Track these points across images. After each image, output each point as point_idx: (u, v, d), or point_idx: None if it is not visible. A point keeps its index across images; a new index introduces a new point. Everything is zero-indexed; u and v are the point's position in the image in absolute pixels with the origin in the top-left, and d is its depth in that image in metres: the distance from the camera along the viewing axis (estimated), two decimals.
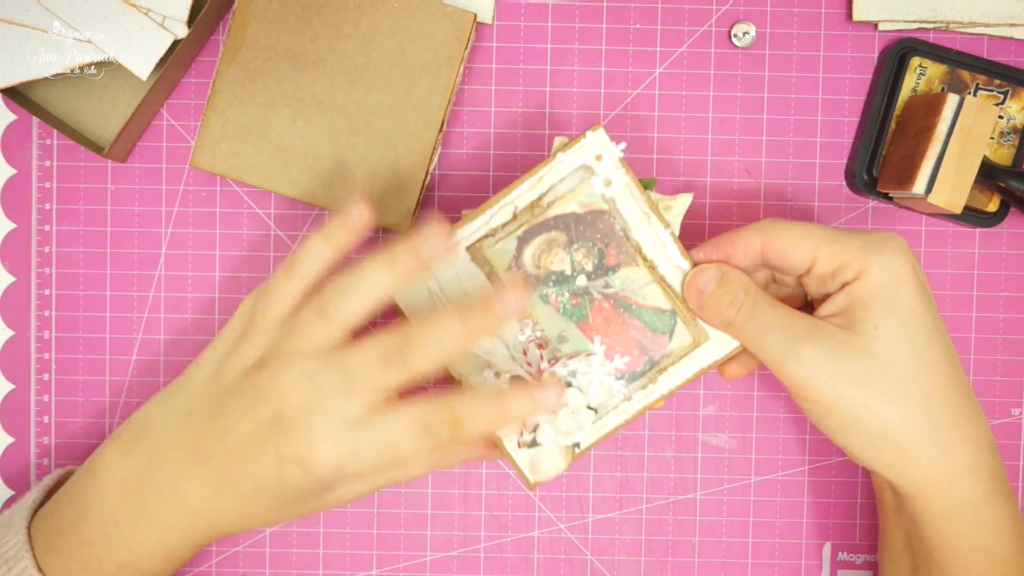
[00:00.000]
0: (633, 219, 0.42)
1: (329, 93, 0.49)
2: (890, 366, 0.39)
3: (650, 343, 0.43)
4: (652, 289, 0.43)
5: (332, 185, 0.49)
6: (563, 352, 0.43)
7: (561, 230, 0.42)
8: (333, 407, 0.39)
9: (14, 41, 0.47)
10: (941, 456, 0.40)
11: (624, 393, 0.44)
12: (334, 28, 0.49)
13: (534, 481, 0.44)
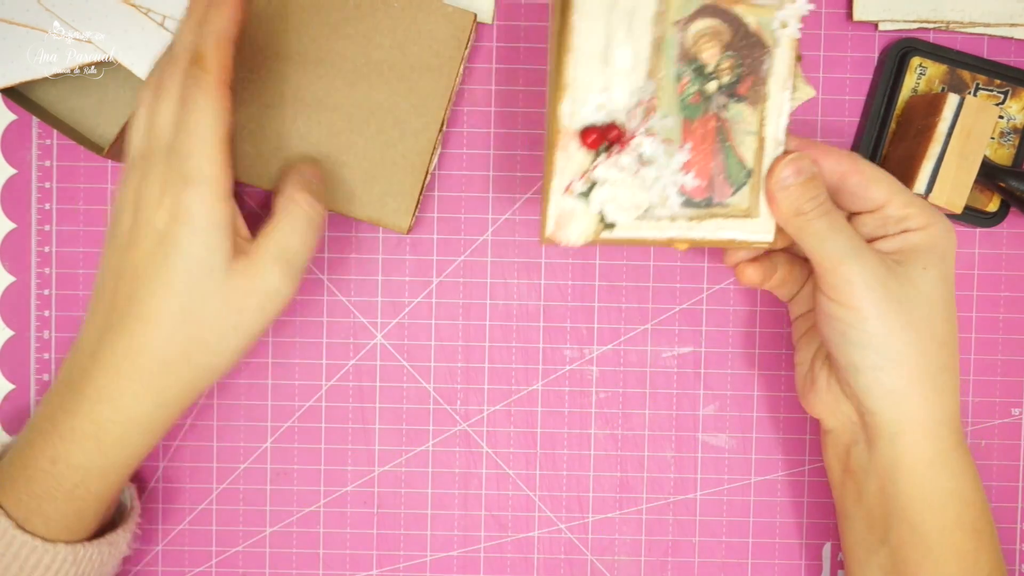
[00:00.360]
0: (777, 72, 0.41)
1: (329, 93, 0.49)
2: (927, 304, 0.42)
3: (719, 184, 0.42)
4: (750, 140, 0.42)
5: (331, 185, 0.49)
6: (657, 131, 0.41)
7: (731, 28, 0.41)
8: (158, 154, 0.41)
9: (14, 41, 0.47)
10: (934, 400, 0.42)
11: (673, 212, 0.42)
12: (334, 28, 0.49)
13: (549, 235, 0.42)
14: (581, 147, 0.41)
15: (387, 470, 0.53)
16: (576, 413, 0.53)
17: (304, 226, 0.43)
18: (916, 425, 0.42)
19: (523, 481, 0.53)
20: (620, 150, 0.41)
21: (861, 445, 0.45)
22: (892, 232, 0.43)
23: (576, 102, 0.40)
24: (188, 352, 0.42)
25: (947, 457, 0.43)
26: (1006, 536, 0.53)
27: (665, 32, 0.41)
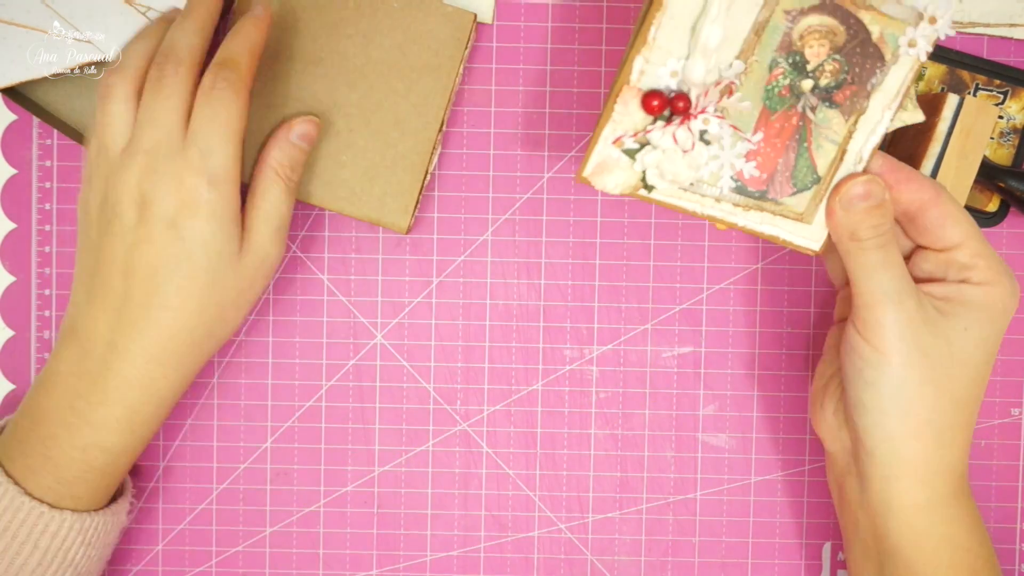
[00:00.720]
0: (887, 89, 0.40)
1: (329, 93, 0.49)
2: (956, 364, 0.41)
3: (780, 182, 0.41)
4: (830, 149, 0.40)
5: (330, 184, 0.49)
6: (730, 113, 0.40)
7: (848, 32, 0.39)
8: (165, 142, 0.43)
9: (14, 41, 0.47)
10: (933, 452, 0.41)
11: (721, 194, 0.41)
12: (334, 28, 0.49)
13: (585, 175, 0.40)
14: (641, 108, 0.39)
15: (387, 470, 0.53)
16: (576, 413, 0.53)
17: (286, 195, 0.46)
18: (911, 472, 0.42)
19: (523, 481, 0.53)
20: (682, 122, 0.39)
21: (855, 478, 0.44)
22: (952, 279, 0.42)
23: (651, 62, 0.39)
24: (212, 329, 0.45)
25: (942, 505, 0.42)
26: (1006, 536, 0.53)
27: (772, 17, 0.38)
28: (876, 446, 0.42)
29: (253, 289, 0.46)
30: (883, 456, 0.42)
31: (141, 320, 0.43)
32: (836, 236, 0.41)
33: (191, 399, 0.52)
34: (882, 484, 0.42)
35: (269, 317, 0.52)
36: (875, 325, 0.40)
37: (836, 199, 0.41)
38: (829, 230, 0.42)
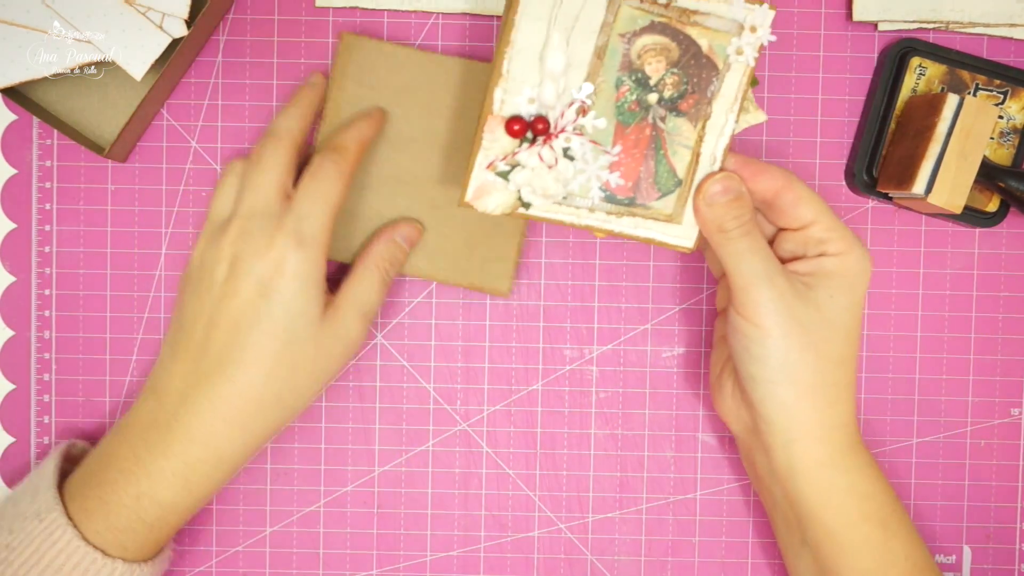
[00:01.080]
0: (725, 94, 0.43)
1: (425, 168, 0.50)
2: (829, 327, 0.44)
3: (645, 188, 0.44)
4: (684, 154, 0.44)
5: (432, 256, 0.50)
6: (588, 131, 0.43)
7: (680, 48, 0.43)
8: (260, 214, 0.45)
9: (14, 41, 0.47)
10: (824, 410, 0.45)
11: (593, 204, 0.44)
12: (427, 107, 0.50)
13: (467, 200, 0.44)
14: (506, 133, 0.43)
15: (387, 470, 0.53)
16: (576, 413, 0.53)
17: (381, 286, 0.48)
18: (807, 432, 0.45)
19: (523, 481, 0.53)
20: (544, 142, 0.43)
21: (761, 452, 0.47)
22: (811, 254, 0.45)
23: (508, 92, 0.42)
24: (281, 395, 0.45)
25: (841, 458, 0.45)
26: (1006, 536, 0.53)
27: (609, 41, 0.42)
28: (772, 414, 0.45)
29: (329, 362, 0.46)
30: (780, 423, 0.45)
31: (215, 373, 0.44)
32: (706, 231, 0.45)
33: None
34: (784, 450, 0.45)
35: None
36: (753, 304, 0.44)
37: (699, 197, 0.45)
38: (699, 226, 0.45)
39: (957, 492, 0.53)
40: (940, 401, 0.53)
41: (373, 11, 0.52)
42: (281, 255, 0.44)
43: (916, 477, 0.53)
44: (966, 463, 0.53)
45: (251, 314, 0.44)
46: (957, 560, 0.53)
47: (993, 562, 0.53)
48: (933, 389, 0.53)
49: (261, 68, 0.52)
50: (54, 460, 0.47)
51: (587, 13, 0.42)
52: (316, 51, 0.52)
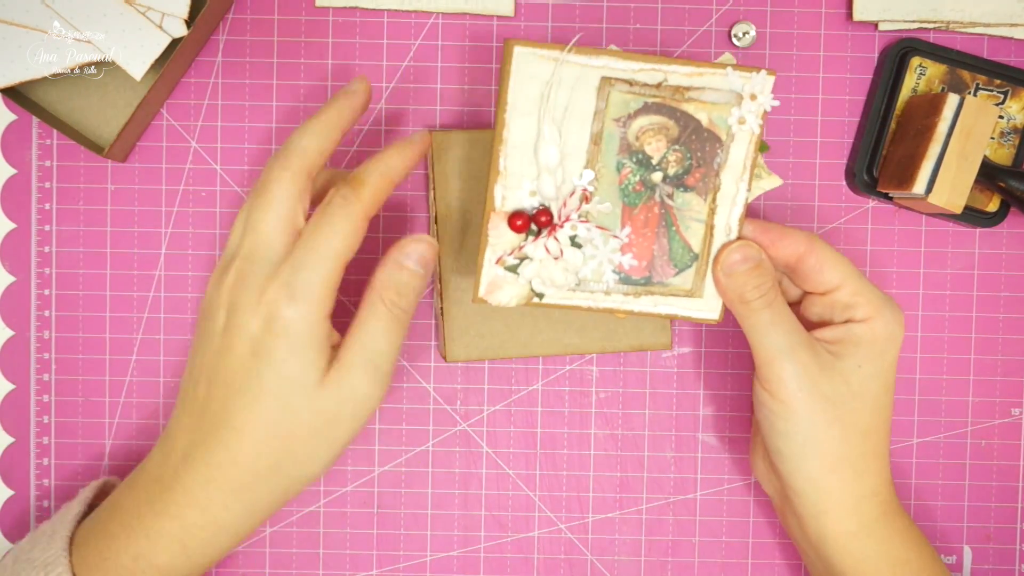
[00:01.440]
0: (733, 164, 0.43)
1: None
2: (856, 399, 0.43)
3: (660, 266, 0.44)
4: (698, 228, 0.44)
5: (586, 328, 0.50)
6: (593, 216, 0.43)
7: (679, 125, 0.42)
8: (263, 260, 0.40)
9: (14, 41, 0.47)
10: (853, 482, 0.44)
11: (608, 287, 0.44)
12: None
13: (481, 296, 0.43)
14: (510, 229, 0.42)
15: (387, 470, 0.53)
16: (576, 413, 0.53)
17: (391, 325, 0.41)
18: (836, 504, 0.44)
19: (523, 481, 0.53)
20: (549, 233, 0.43)
21: (791, 516, 0.47)
22: (838, 319, 0.44)
23: (508, 188, 0.42)
24: (280, 464, 0.41)
25: (872, 527, 0.44)
26: (1006, 536, 0.53)
27: (604, 127, 0.42)
28: (800, 487, 0.44)
29: (335, 429, 0.41)
30: (809, 495, 0.44)
31: (211, 435, 0.40)
32: (727, 301, 0.44)
33: None
34: (814, 520, 0.45)
35: None
36: (776, 380, 0.43)
37: (718, 267, 0.44)
38: (720, 297, 0.44)
39: (957, 492, 0.53)
40: (940, 401, 0.53)
41: (373, 11, 0.52)
42: (271, 312, 0.39)
43: (916, 477, 0.53)
44: (966, 463, 0.53)
45: (243, 375, 0.40)
46: (957, 560, 0.53)
47: (994, 562, 0.53)
48: (933, 389, 0.53)
49: (261, 68, 0.52)
50: (79, 503, 0.45)
51: (577, 103, 0.41)
52: (316, 51, 0.52)
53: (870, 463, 0.44)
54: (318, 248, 0.40)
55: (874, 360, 0.43)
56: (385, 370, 0.41)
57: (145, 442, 0.52)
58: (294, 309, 0.39)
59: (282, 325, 0.39)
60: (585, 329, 0.50)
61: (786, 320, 0.43)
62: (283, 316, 0.39)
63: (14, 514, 0.52)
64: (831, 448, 0.43)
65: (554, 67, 0.41)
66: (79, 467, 0.52)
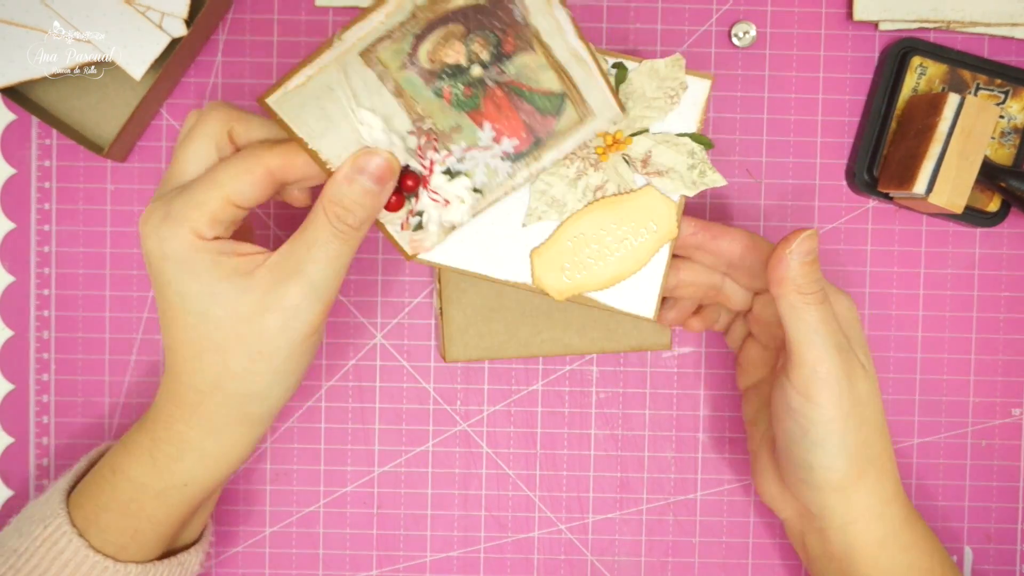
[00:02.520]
0: (533, 4, 0.40)
1: None
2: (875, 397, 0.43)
3: (538, 124, 0.43)
4: (546, 73, 0.42)
5: (585, 329, 0.50)
6: (456, 145, 0.42)
7: (460, 22, 0.40)
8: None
9: (14, 41, 0.47)
10: (878, 485, 0.43)
11: (508, 172, 0.43)
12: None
13: (412, 254, 0.44)
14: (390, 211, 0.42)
15: (387, 470, 0.53)
16: (576, 413, 0.53)
17: (329, 240, 0.39)
18: (865, 511, 0.43)
19: (523, 481, 0.53)
20: (425, 185, 0.42)
21: (814, 534, 0.46)
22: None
23: None
24: (221, 382, 0.41)
25: (899, 534, 0.44)
26: (1006, 536, 0.53)
27: (397, 78, 0.41)
28: (829, 499, 0.43)
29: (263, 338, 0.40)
30: (837, 507, 0.43)
31: (165, 359, 0.43)
32: (781, 290, 0.41)
33: None
34: (841, 532, 0.44)
35: None
36: (820, 384, 0.41)
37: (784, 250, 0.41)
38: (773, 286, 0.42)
39: (958, 492, 0.53)
40: (941, 401, 0.53)
41: None
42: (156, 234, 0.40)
43: (917, 477, 0.53)
44: (967, 463, 0.53)
45: (158, 298, 0.41)
46: (958, 560, 0.53)
47: (994, 562, 0.53)
48: (934, 389, 0.53)
49: (261, 68, 0.52)
50: (81, 461, 0.47)
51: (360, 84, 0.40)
52: None
53: (886, 462, 0.44)
54: (203, 179, 0.40)
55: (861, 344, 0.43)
56: (320, 285, 0.39)
57: None
58: (167, 229, 0.39)
59: (164, 247, 0.39)
60: (585, 329, 0.50)
61: (837, 324, 0.42)
62: (161, 236, 0.39)
63: (14, 514, 0.52)
64: (859, 452, 0.42)
65: (314, 82, 0.39)
66: None
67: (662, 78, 0.43)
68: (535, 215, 0.45)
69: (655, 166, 0.44)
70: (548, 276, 0.45)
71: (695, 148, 0.44)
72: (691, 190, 0.44)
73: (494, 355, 0.49)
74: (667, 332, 0.50)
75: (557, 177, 0.44)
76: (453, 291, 0.49)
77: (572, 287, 0.44)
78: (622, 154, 0.44)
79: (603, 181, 0.44)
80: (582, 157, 0.44)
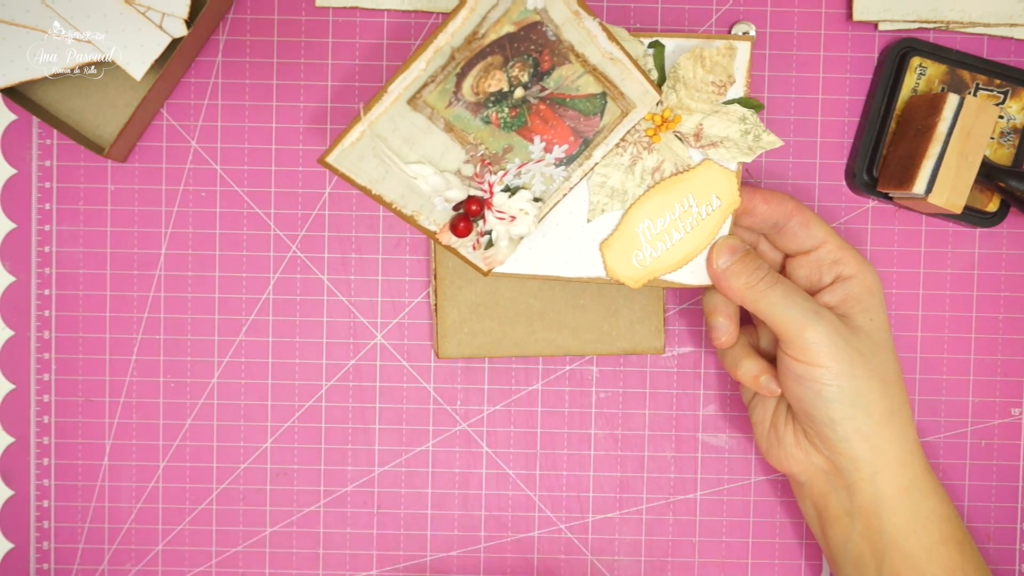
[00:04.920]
0: (563, 21, 0.42)
1: None
2: (881, 350, 0.45)
3: (584, 126, 0.44)
4: (584, 79, 0.43)
5: (579, 330, 0.50)
6: (511, 163, 0.44)
7: (497, 53, 0.42)
8: None
9: (14, 41, 0.47)
10: (901, 434, 0.45)
11: (563, 175, 0.45)
12: None
13: (487, 270, 0.45)
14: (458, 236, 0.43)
15: (387, 470, 0.53)
16: (576, 413, 0.53)
17: None
18: (892, 459, 0.45)
19: (523, 481, 0.53)
20: (488, 207, 0.44)
21: (840, 491, 0.46)
22: (827, 278, 0.46)
23: (427, 214, 0.43)
24: None
25: (921, 482, 0.45)
26: (1006, 536, 0.53)
27: (445, 116, 0.42)
28: (856, 450, 0.45)
29: None
30: (865, 456, 0.45)
31: None
32: (736, 297, 0.45)
33: (191, 399, 0.52)
34: (870, 482, 0.45)
35: (269, 317, 0.52)
36: (812, 346, 0.44)
37: (714, 272, 0.45)
38: (726, 296, 0.46)
39: (957, 492, 0.53)
40: (940, 401, 0.53)
41: (373, 11, 0.52)
42: None
43: None
44: (966, 463, 0.53)
45: None
46: None
47: (993, 562, 0.53)
48: (933, 389, 0.53)
49: (261, 68, 0.52)
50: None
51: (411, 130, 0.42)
52: (316, 51, 0.52)
53: (906, 414, 0.46)
54: None
55: (879, 310, 0.45)
56: None
57: (145, 442, 0.52)
58: None
59: None
60: (579, 331, 0.50)
61: (797, 290, 0.45)
62: None
63: (14, 514, 0.52)
64: (879, 402, 0.44)
65: (366, 138, 0.41)
66: (79, 467, 0.52)
67: (709, 67, 0.44)
68: (598, 208, 0.46)
69: (709, 138, 0.45)
70: (621, 266, 0.46)
71: (746, 113, 0.44)
72: (748, 156, 0.44)
73: (488, 353, 0.49)
74: (660, 337, 0.50)
75: (612, 167, 0.45)
76: (448, 288, 0.49)
77: (646, 273, 0.46)
78: (673, 132, 0.45)
79: (659, 162, 0.45)
80: (634, 142, 0.45)
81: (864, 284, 0.45)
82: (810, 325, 0.44)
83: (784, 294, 0.44)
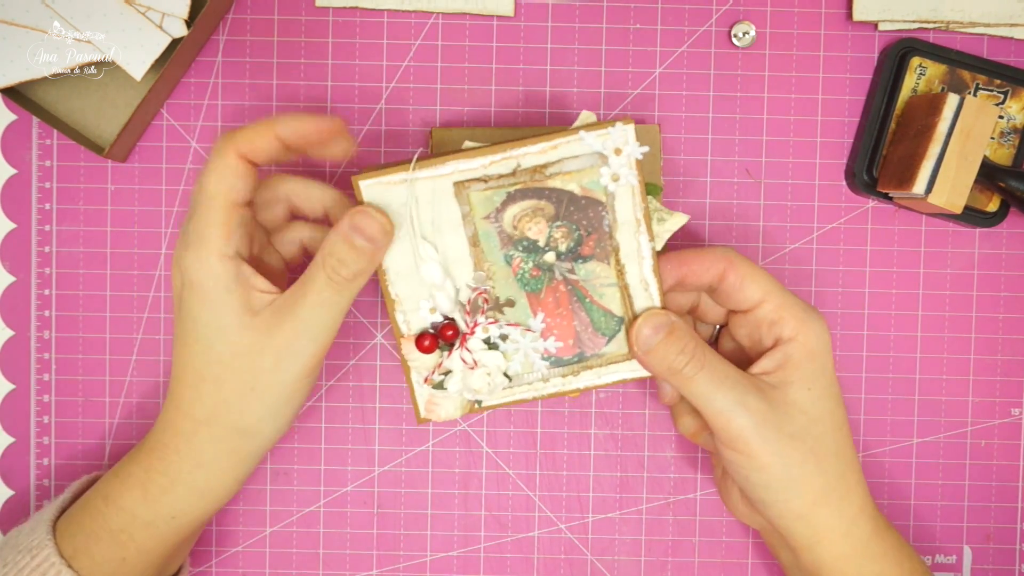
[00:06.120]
0: (624, 221, 0.42)
1: None
2: (818, 424, 0.43)
3: (588, 339, 0.43)
4: (612, 292, 0.43)
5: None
6: (504, 316, 0.43)
7: (552, 202, 0.42)
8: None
9: (14, 41, 0.47)
10: (841, 505, 0.43)
11: (543, 374, 0.44)
12: None
13: (424, 417, 0.44)
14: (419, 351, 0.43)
15: (387, 470, 0.53)
16: (576, 413, 0.53)
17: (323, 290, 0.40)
18: (829, 531, 0.44)
19: (523, 481, 0.53)
20: (461, 345, 0.43)
21: (786, 550, 0.46)
22: (767, 340, 0.44)
23: (407, 312, 0.42)
24: (216, 413, 0.42)
25: (865, 548, 0.44)
26: (1006, 536, 0.53)
27: (477, 227, 0.42)
28: (790, 526, 0.44)
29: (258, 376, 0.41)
30: (800, 531, 0.44)
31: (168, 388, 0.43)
32: (660, 377, 0.43)
33: None
34: (808, 552, 0.44)
35: None
36: (739, 438, 0.42)
37: (636, 351, 0.43)
38: (651, 374, 0.44)
39: (957, 492, 0.53)
40: (940, 401, 0.53)
41: (373, 11, 0.52)
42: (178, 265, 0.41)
43: (916, 477, 0.53)
44: (966, 463, 0.53)
45: (175, 328, 0.42)
46: (957, 560, 0.53)
47: (993, 562, 0.53)
48: (933, 389, 0.53)
49: (261, 68, 0.52)
50: (66, 492, 0.47)
51: (442, 214, 0.41)
52: (316, 51, 0.52)
53: (850, 481, 0.44)
54: (196, 195, 0.41)
55: (818, 377, 0.43)
56: (313, 328, 0.40)
57: None
58: (189, 256, 0.41)
59: (188, 276, 0.41)
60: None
61: (725, 375, 0.42)
62: (184, 265, 0.41)
63: (14, 514, 0.52)
64: (812, 483, 0.43)
65: (405, 188, 0.40)
66: (79, 467, 0.52)
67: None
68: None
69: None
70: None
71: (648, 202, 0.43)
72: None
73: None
74: None
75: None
76: None
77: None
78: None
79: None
80: None
81: (804, 348, 0.43)
82: (735, 417, 0.42)
83: (709, 380, 0.42)
